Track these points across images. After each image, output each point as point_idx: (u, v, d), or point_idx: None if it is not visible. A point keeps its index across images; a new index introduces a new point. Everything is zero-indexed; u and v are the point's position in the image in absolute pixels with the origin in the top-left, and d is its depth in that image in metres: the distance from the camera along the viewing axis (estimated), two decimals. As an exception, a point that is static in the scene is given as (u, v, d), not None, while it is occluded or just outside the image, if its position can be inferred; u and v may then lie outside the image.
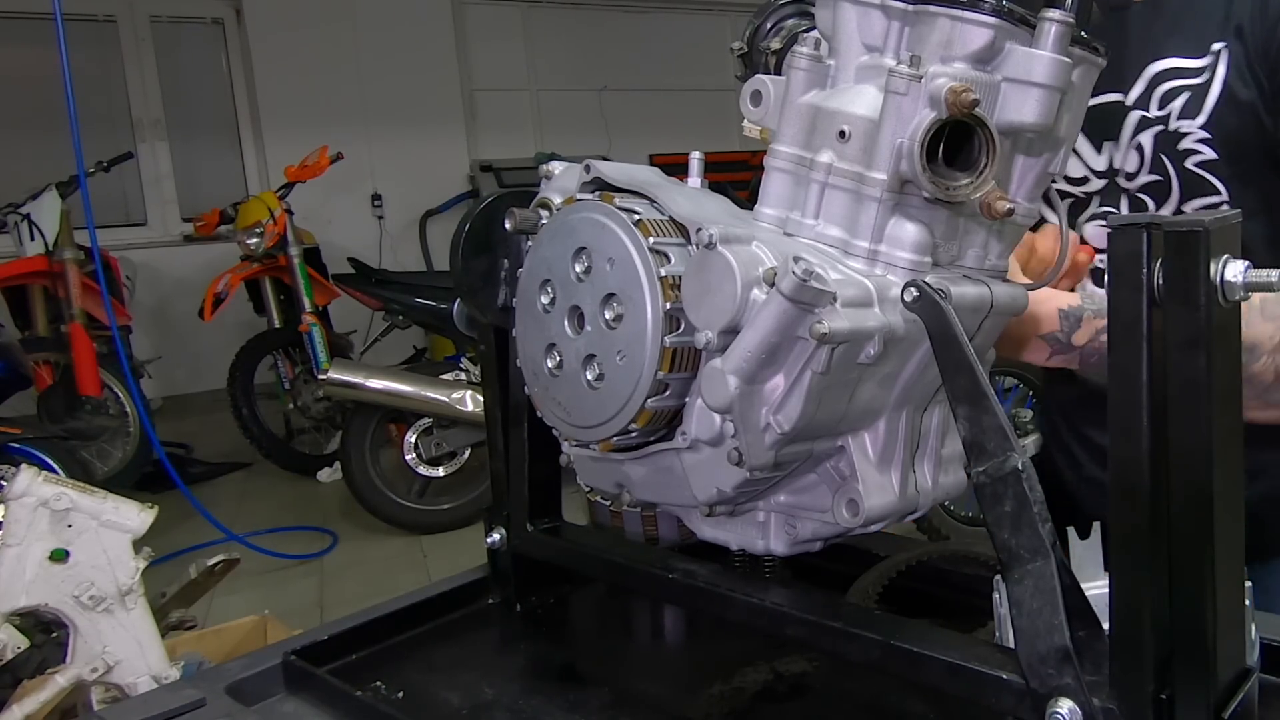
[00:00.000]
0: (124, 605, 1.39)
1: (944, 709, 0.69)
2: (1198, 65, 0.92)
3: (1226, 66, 0.90)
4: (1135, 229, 0.48)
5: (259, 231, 4.29)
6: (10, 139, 5.42)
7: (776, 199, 0.65)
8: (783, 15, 0.72)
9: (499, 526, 0.86)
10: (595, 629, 0.92)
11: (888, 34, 0.62)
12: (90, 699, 1.40)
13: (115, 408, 4.00)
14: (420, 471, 3.64)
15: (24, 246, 4.05)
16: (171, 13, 6.02)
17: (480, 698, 0.74)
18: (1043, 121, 0.60)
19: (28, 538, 1.33)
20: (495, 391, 0.84)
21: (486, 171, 6.40)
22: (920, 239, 0.61)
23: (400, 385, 3.47)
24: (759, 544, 0.69)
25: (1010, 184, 0.64)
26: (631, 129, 7.06)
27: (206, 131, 6.20)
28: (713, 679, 0.75)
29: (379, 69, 6.18)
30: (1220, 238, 0.48)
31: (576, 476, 0.77)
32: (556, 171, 0.74)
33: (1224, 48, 0.91)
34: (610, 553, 0.80)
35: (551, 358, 0.68)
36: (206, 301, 4.37)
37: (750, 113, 0.67)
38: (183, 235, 5.93)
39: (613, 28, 7.18)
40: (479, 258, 0.76)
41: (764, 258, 0.59)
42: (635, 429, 0.64)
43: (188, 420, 5.26)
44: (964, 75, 0.58)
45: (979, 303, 0.63)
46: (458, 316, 0.80)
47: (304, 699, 0.75)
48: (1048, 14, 0.58)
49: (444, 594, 0.88)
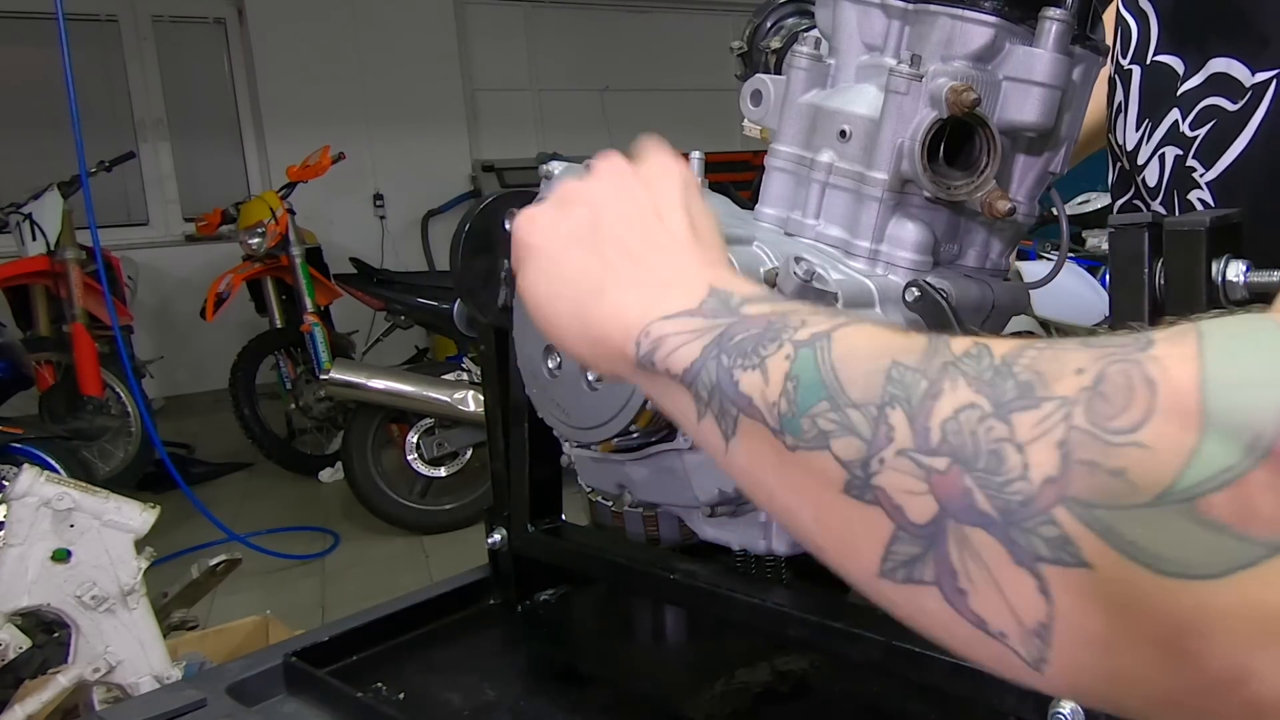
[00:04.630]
0: (126, 605, 1.39)
1: (945, 709, 0.69)
2: (1246, 83, 0.66)
3: (1272, 100, 0.64)
4: (1136, 229, 0.48)
5: (261, 231, 4.29)
6: (12, 139, 5.42)
7: (777, 199, 0.65)
8: (783, 14, 0.72)
9: (500, 527, 0.86)
10: (596, 629, 0.92)
11: (888, 33, 0.62)
12: (92, 699, 1.40)
13: (117, 408, 4.00)
14: (422, 471, 3.63)
15: (26, 246, 4.05)
16: (173, 12, 6.02)
17: (481, 698, 0.74)
18: (1043, 121, 0.60)
19: (30, 537, 1.33)
20: (496, 392, 0.84)
21: (489, 171, 6.40)
22: (921, 239, 0.61)
23: (402, 385, 3.47)
24: (761, 544, 0.69)
25: (1011, 183, 0.64)
26: (634, 129, 6.91)
27: (208, 131, 6.20)
28: (714, 679, 0.75)
29: (381, 68, 6.18)
30: (1221, 237, 0.48)
31: (577, 477, 0.77)
32: (557, 171, 0.74)
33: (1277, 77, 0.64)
34: (611, 553, 0.80)
35: (551, 359, 0.68)
36: (208, 301, 4.37)
37: (750, 112, 0.67)
38: (184, 235, 5.93)
39: (615, 27, 7.18)
40: (479, 258, 0.76)
41: (765, 258, 0.59)
42: (636, 430, 0.64)
43: (189, 420, 5.26)
44: (964, 74, 0.58)
45: (980, 302, 0.63)
46: (458, 317, 0.80)
47: (305, 700, 0.75)
48: (1048, 13, 0.58)
49: (445, 595, 0.88)
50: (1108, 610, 0.26)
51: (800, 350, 0.36)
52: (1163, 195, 0.75)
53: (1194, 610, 0.25)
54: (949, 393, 0.31)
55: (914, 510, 0.31)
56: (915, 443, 0.31)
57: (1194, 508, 0.25)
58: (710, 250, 0.50)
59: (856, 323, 0.37)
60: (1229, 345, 0.26)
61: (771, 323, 0.39)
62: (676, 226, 0.50)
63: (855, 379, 0.34)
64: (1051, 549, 0.27)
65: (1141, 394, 0.26)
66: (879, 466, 0.32)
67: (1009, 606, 0.28)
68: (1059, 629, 0.28)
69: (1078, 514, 0.26)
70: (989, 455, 0.29)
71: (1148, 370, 0.27)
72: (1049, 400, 0.28)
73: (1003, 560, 0.28)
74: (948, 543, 0.30)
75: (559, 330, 0.50)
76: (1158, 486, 0.25)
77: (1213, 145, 0.70)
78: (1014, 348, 0.31)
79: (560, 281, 0.50)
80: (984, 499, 0.29)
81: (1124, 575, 0.26)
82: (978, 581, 0.29)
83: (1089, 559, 0.26)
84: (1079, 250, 4.05)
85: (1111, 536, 0.26)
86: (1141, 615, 0.26)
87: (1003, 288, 0.65)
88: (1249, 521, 0.24)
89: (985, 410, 0.29)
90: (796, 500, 0.36)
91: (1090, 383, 0.28)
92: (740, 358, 0.39)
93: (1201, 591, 0.25)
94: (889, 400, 0.32)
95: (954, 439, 0.30)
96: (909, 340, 0.34)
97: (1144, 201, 0.78)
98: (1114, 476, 0.26)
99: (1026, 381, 0.29)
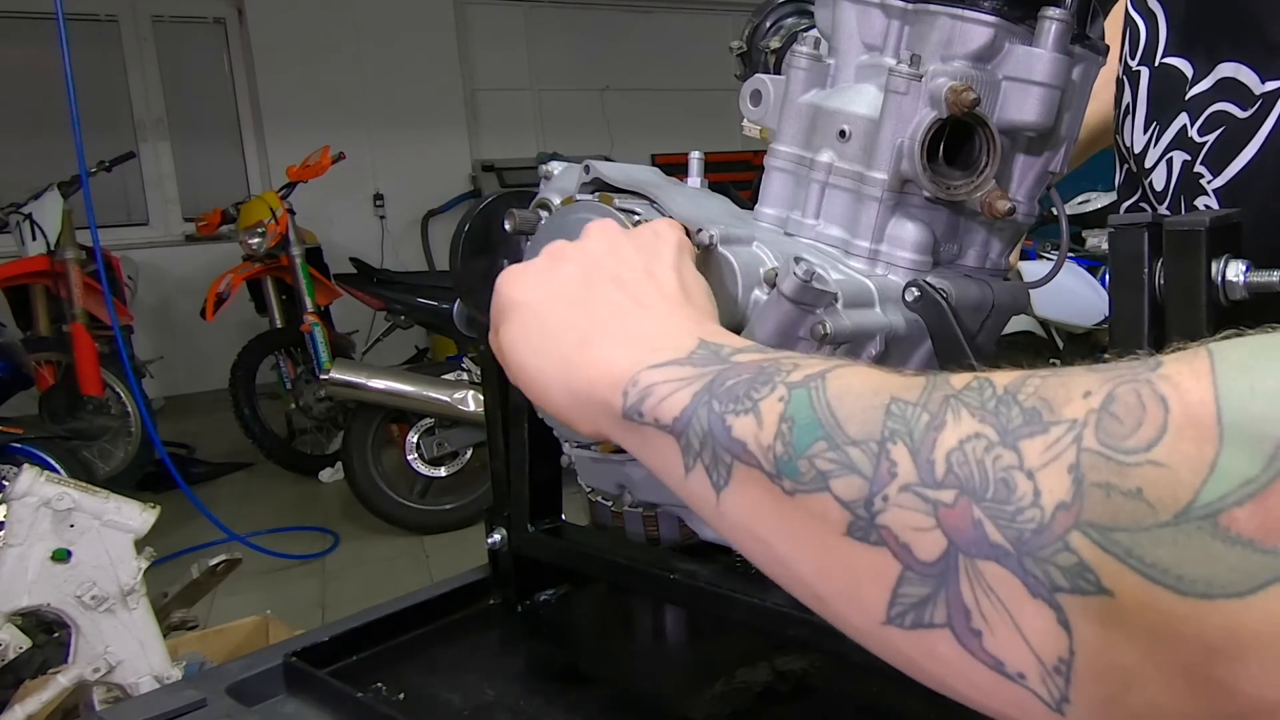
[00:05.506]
0: (126, 605, 1.39)
1: (945, 709, 0.68)
2: (1255, 90, 0.65)
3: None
4: (1136, 229, 0.48)
5: (261, 231, 4.29)
6: (12, 139, 5.42)
7: (777, 199, 0.65)
8: (782, 14, 0.72)
9: (500, 527, 0.86)
10: (596, 629, 0.92)
11: (887, 33, 0.62)
12: (92, 699, 1.40)
13: (117, 408, 4.00)
14: (422, 471, 3.63)
15: (26, 246, 4.05)
16: (173, 12, 6.03)
17: (481, 699, 0.74)
18: (1043, 120, 0.60)
19: (30, 537, 1.33)
20: (496, 392, 0.84)
21: (489, 171, 6.40)
22: (921, 238, 0.61)
23: (402, 385, 3.47)
24: (760, 544, 0.69)
25: (1011, 183, 0.64)
26: (634, 129, 7.06)
27: (208, 131, 6.21)
28: (714, 679, 0.75)
29: (381, 69, 6.19)
30: (1221, 237, 0.48)
31: (577, 477, 0.76)
32: (556, 172, 0.74)
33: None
34: (611, 553, 0.80)
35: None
36: (208, 301, 4.37)
37: (750, 112, 0.67)
38: (184, 235, 5.94)
39: (615, 27, 7.18)
40: (478, 258, 0.76)
41: (765, 258, 0.59)
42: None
43: (189, 420, 5.26)
44: (964, 74, 0.58)
45: (980, 302, 0.63)
46: (457, 317, 0.80)
47: (305, 700, 0.75)
48: (1047, 12, 0.58)
49: (445, 595, 0.88)
50: (1132, 638, 0.25)
51: (794, 391, 0.35)
52: (1170, 200, 0.74)
53: (1223, 631, 0.23)
54: (952, 424, 0.30)
55: (922, 547, 0.29)
56: (920, 476, 0.30)
57: (1216, 524, 0.23)
58: (701, 310, 0.49)
59: (851, 364, 0.36)
60: (1241, 358, 0.25)
61: (763, 368, 0.38)
62: (667, 286, 0.49)
63: (853, 416, 0.33)
64: (1069, 577, 0.26)
65: (1154, 411, 0.25)
66: (882, 504, 0.30)
67: (1027, 643, 0.27)
68: (1081, 663, 0.26)
69: (1095, 539, 0.25)
70: (998, 484, 0.28)
71: (1159, 388, 0.26)
72: (1057, 424, 0.27)
73: (1018, 593, 0.27)
74: (959, 579, 0.28)
75: (541, 386, 0.48)
76: (1177, 504, 0.24)
77: (1221, 152, 0.69)
78: (1016, 378, 0.30)
79: (545, 336, 0.49)
80: (995, 530, 0.27)
81: (1147, 599, 0.24)
82: (992, 619, 0.28)
83: (1109, 585, 0.25)
84: (1079, 250, 4.06)
85: (1131, 560, 0.25)
86: (1168, 641, 0.24)
87: (1003, 288, 0.65)
88: (1274, 535, 0.23)
89: (991, 439, 0.28)
90: (796, 549, 0.35)
91: (1099, 404, 0.27)
92: (732, 403, 0.37)
93: (1229, 611, 0.23)
94: (890, 435, 0.31)
95: (960, 470, 0.29)
96: (906, 378, 0.33)
97: (1151, 205, 0.77)
98: (1130, 497, 0.25)
99: (1033, 408, 0.28)
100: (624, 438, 0.44)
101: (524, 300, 0.51)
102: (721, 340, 0.43)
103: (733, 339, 0.44)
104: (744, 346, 0.42)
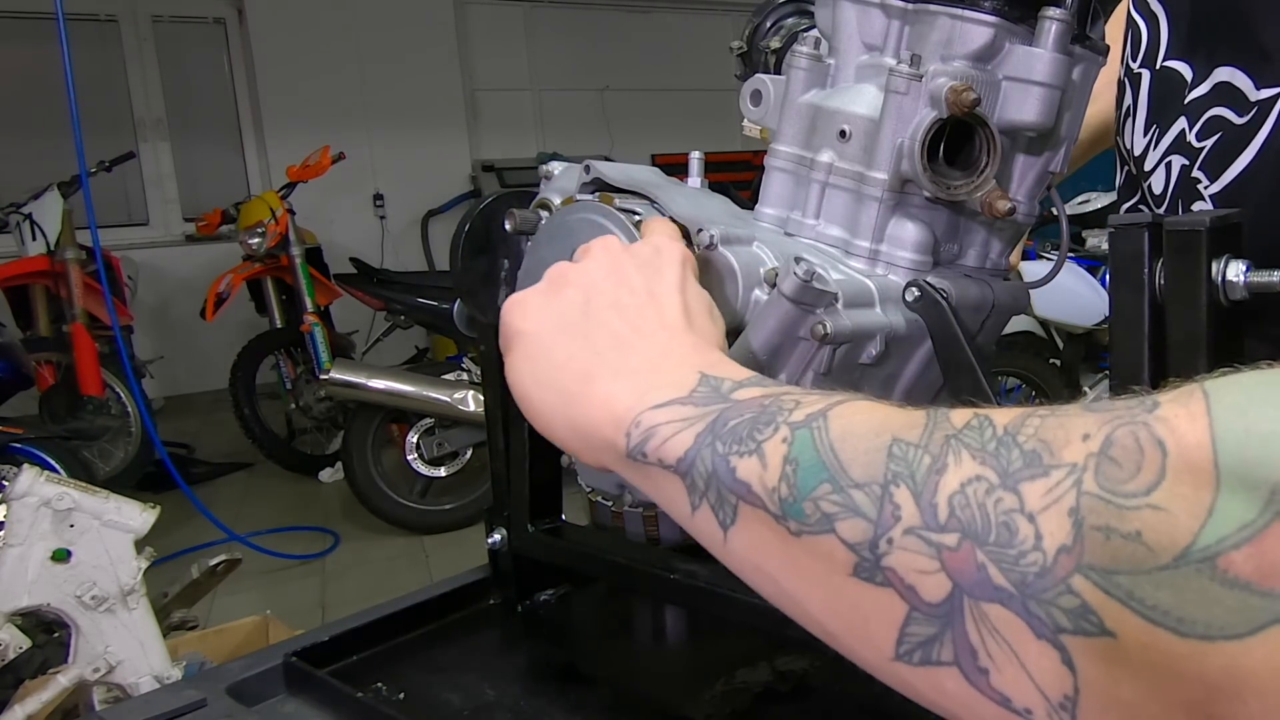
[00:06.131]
0: (126, 605, 1.39)
1: (945, 709, 0.68)
2: (1251, 96, 0.64)
3: (1278, 118, 0.62)
4: (1136, 229, 0.48)
5: (261, 231, 4.29)
6: (11, 139, 5.42)
7: (777, 199, 0.65)
8: (782, 14, 0.72)
9: (500, 527, 0.86)
10: (596, 629, 0.92)
11: (888, 33, 0.62)
12: (92, 699, 1.41)
13: (117, 408, 4.00)
14: (422, 471, 3.63)
15: (26, 246, 4.05)
16: (173, 12, 6.03)
17: (481, 699, 0.74)
18: (1043, 120, 0.60)
19: (30, 537, 1.33)
20: (496, 392, 0.84)
21: (489, 171, 6.40)
22: (921, 238, 0.61)
23: (402, 385, 3.47)
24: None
25: (1011, 183, 0.64)
26: (634, 129, 7.07)
27: (208, 131, 6.21)
28: (714, 679, 0.75)
29: (381, 69, 6.19)
30: (1221, 237, 0.48)
31: (577, 477, 0.77)
32: (556, 172, 0.74)
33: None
34: (611, 553, 0.80)
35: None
36: (208, 301, 4.37)
37: (750, 112, 0.67)
38: (184, 235, 5.94)
39: (615, 27, 7.18)
40: (478, 258, 0.76)
41: (765, 258, 0.59)
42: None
43: (189, 420, 5.26)
44: (964, 74, 0.58)
45: (981, 302, 0.63)
46: (458, 317, 0.80)
47: (305, 700, 0.75)
48: (1047, 12, 0.58)
49: (445, 595, 0.88)
50: (1134, 678, 0.25)
51: (797, 432, 0.36)
52: (1168, 204, 0.74)
53: (1222, 672, 0.24)
54: (953, 467, 0.30)
55: (927, 590, 0.30)
56: (923, 520, 0.30)
57: (1214, 567, 0.24)
58: (703, 335, 0.49)
59: (851, 400, 0.36)
60: (1237, 400, 0.26)
61: (765, 406, 0.38)
62: (669, 311, 0.49)
63: (856, 458, 0.33)
64: (1072, 619, 0.26)
65: (1152, 455, 0.26)
66: (888, 547, 0.31)
67: (1033, 682, 0.28)
68: (1085, 702, 0.27)
69: (1096, 581, 0.26)
70: (1000, 528, 0.28)
71: (1156, 431, 0.26)
72: (1057, 468, 0.28)
73: (1023, 635, 0.27)
74: (965, 620, 0.29)
75: (545, 420, 0.49)
76: (1175, 548, 0.25)
77: (1218, 158, 0.68)
78: (1016, 417, 0.30)
79: (547, 368, 0.49)
80: (998, 573, 0.28)
81: (1148, 641, 0.25)
82: (998, 658, 0.28)
83: (1112, 627, 0.25)
84: (1079, 250, 4.06)
85: (1133, 602, 0.25)
86: (1169, 681, 0.25)
87: (1003, 288, 0.65)
88: (1272, 577, 0.23)
89: (992, 482, 0.29)
90: (804, 587, 0.35)
91: (1098, 448, 0.27)
92: (735, 444, 0.37)
93: (1229, 652, 0.24)
94: (892, 478, 0.31)
95: (962, 514, 0.29)
96: (906, 416, 0.33)
97: (1150, 208, 0.76)
98: (1130, 541, 0.25)
99: (1033, 450, 0.28)
100: (628, 474, 0.44)
101: (525, 330, 0.51)
102: (723, 373, 0.43)
103: (734, 370, 0.44)
104: (745, 380, 0.42)
